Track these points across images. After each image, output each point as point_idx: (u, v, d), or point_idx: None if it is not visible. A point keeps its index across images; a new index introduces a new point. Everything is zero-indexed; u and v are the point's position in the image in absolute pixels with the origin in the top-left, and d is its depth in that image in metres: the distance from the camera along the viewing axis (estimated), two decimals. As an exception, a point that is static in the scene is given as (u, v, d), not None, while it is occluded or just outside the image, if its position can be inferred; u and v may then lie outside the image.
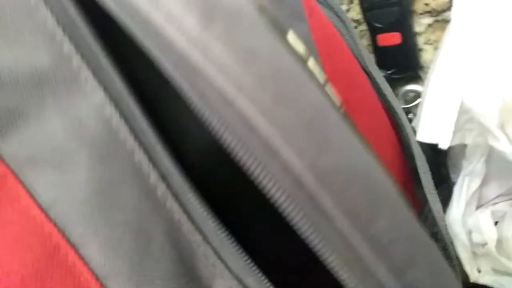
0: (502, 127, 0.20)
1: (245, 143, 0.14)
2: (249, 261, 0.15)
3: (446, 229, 0.25)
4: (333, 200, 0.15)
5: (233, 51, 0.14)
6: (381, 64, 0.34)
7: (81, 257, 0.14)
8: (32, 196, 0.14)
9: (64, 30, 0.15)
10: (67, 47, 0.15)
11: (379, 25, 0.32)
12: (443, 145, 0.22)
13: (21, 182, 0.14)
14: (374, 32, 0.33)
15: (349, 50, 0.26)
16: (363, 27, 0.34)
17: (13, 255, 0.13)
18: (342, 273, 0.15)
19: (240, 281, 0.15)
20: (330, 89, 0.18)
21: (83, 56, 0.15)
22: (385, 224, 0.16)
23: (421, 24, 0.32)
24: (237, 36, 0.15)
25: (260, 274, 0.15)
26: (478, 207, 0.28)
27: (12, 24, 0.14)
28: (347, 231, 0.15)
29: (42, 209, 0.14)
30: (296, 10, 0.21)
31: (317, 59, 0.20)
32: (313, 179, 0.14)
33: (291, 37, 0.18)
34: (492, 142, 0.20)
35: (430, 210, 0.25)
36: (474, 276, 0.27)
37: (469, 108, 0.20)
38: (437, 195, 0.25)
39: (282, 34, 0.17)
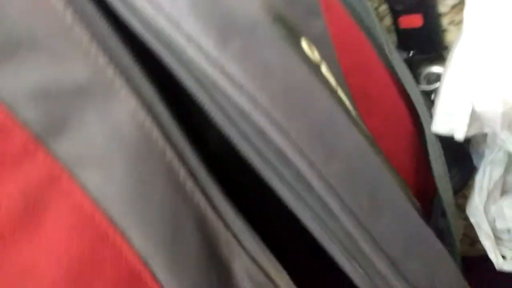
0: (509, 126, 0.20)
1: (261, 153, 0.16)
2: (262, 244, 0.18)
3: (453, 215, 0.25)
4: (339, 203, 0.17)
5: (248, 70, 0.16)
6: (403, 46, 0.33)
7: (126, 241, 0.16)
8: (83, 192, 0.15)
9: (98, 45, 0.16)
10: (102, 60, 0.16)
11: (400, 8, 0.31)
12: (459, 136, 0.22)
13: (74, 180, 0.15)
14: (395, 14, 0.32)
15: (366, 41, 0.25)
16: (385, 6, 0.33)
17: (68, 240, 0.15)
18: (348, 266, 0.18)
19: (255, 261, 0.17)
20: (341, 92, 0.19)
21: (116, 67, 0.16)
22: (387, 223, 0.18)
23: (445, 5, 0.31)
24: (252, 53, 0.16)
25: (271, 255, 0.18)
26: (503, 194, 0.27)
27: (54, 43, 0.16)
28: (352, 230, 0.17)
29: (92, 202, 0.15)
30: (312, 6, 0.21)
31: (332, 59, 0.20)
32: (321, 184, 0.16)
33: (305, 44, 0.18)
34: (501, 143, 0.20)
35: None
36: (499, 264, 0.27)
37: (476, 111, 0.20)
38: (448, 183, 0.24)
39: (297, 42, 0.18)
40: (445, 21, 0.31)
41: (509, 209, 0.26)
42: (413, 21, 0.31)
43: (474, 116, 0.22)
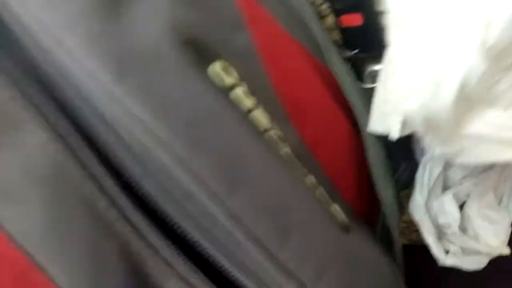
0: (433, 130, 0.20)
1: (164, 189, 0.17)
2: (193, 265, 0.18)
3: (394, 214, 0.25)
4: (244, 234, 0.17)
5: (148, 104, 0.16)
6: (347, 44, 0.33)
7: (48, 279, 0.15)
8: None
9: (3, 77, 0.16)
10: (7, 93, 0.16)
11: (340, 6, 0.31)
12: (393, 136, 0.22)
13: None
14: (336, 13, 0.32)
15: (299, 47, 0.25)
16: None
17: None
18: None
19: (187, 282, 0.17)
20: (260, 112, 0.19)
21: (28, 98, 0.16)
22: (296, 246, 0.18)
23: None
24: (153, 86, 0.16)
25: (202, 276, 0.18)
26: (445, 190, 0.28)
27: None
28: (259, 259, 0.17)
29: (9, 240, 0.15)
30: (234, 19, 0.20)
31: (257, 73, 0.20)
32: (224, 217, 0.17)
33: (218, 67, 0.18)
34: (427, 147, 0.20)
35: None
36: (441, 259, 0.27)
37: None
38: (388, 182, 0.24)
39: (205, 67, 0.17)
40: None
41: (449, 205, 0.27)
42: (353, 19, 0.31)
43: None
